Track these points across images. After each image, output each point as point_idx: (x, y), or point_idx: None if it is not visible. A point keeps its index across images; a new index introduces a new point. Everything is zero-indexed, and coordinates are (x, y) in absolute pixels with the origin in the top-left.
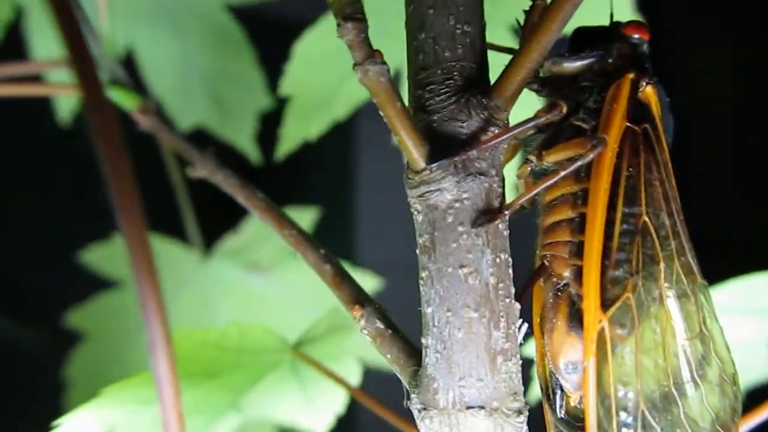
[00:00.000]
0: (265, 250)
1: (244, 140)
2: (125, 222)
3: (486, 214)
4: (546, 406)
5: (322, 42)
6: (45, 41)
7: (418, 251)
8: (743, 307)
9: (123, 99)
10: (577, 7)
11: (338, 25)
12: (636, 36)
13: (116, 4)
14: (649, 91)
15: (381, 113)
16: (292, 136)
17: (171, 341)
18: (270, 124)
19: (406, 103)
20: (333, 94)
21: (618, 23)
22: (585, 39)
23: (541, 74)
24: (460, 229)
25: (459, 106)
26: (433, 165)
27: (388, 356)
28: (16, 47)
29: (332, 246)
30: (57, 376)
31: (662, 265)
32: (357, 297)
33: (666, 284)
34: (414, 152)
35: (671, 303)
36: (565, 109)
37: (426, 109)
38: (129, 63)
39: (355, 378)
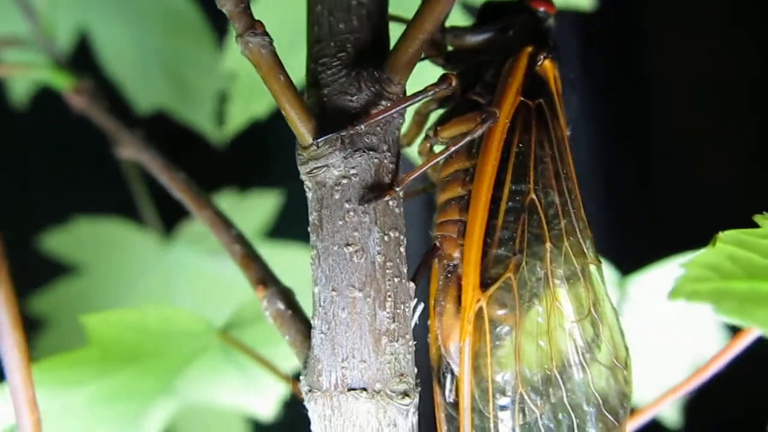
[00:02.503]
0: None
1: (203, 121)
2: None
3: (374, 191)
4: (436, 389)
5: (265, 15)
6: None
7: (309, 229)
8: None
9: (58, 80)
10: None
11: None
12: (541, 9)
13: None
14: (547, 65)
15: (265, 86)
16: (239, 114)
17: (20, 328)
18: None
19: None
20: None
21: None
22: (492, 12)
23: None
24: (347, 206)
25: (350, 79)
26: (320, 140)
27: (287, 337)
28: None
29: (302, 229)
30: None
31: (549, 244)
32: (263, 278)
33: (553, 264)
34: (300, 127)
35: (558, 284)
36: (454, 82)
37: (318, 83)
38: (84, 46)
39: (290, 362)
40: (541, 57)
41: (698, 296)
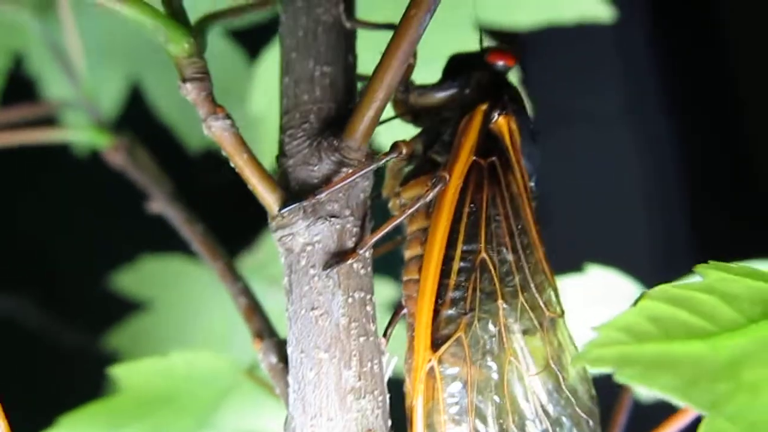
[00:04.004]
0: None
1: None
2: None
3: (337, 256)
4: None
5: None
6: (53, 81)
7: (283, 293)
8: None
9: (98, 139)
10: (414, 45)
11: (180, 85)
12: (500, 63)
13: (118, 49)
14: (501, 122)
15: (231, 164)
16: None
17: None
18: None
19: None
20: None
21: (485, 49)
22: (454, 67)
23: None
24: (312, 271)
25: (311, 150)
26: (284, 210)
27: (277, 390)
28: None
29: None
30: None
31: (500, 302)
32: (261, 330)
33: (509, 320)
34: (267, 198)
35: (513, 339)
36: (404, 150)
37: (285, 154)
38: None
39: None
40: (495, 114)
41: (601, 362)
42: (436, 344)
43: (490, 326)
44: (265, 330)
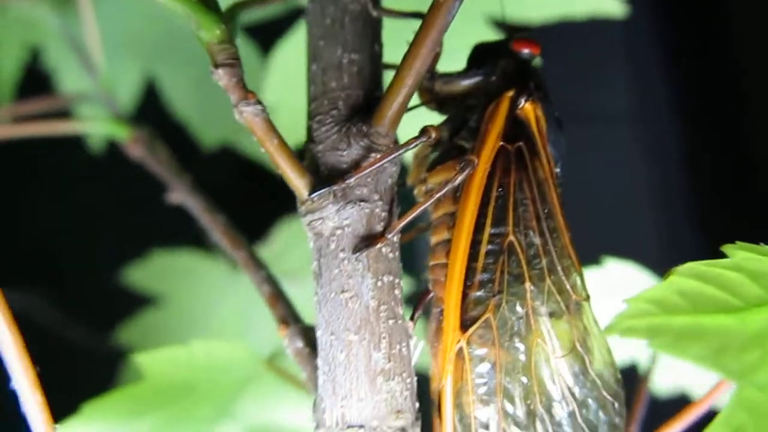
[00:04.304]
0: (297, 257)
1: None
2: None
3: (366, 240)
4: (436, 422)
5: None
6: (69, 75)
7: (312, 277)
8: None
9: (117, 131)
10: (443, 33)
11: (212, 71)
12: (525, 51)
13: (135, 43)
14: (528, 108)
15: (262, 149)
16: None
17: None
18: None
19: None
20: None
21: (509, 38)
22: (480, 54)
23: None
24: (341, 255)
25: (340, 135)
26: (314, 195)
27: (304, 374)
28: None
29: None
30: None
31: (528, 284)
32: (285, 317)
33: (535, 303)
34: (297, 183)
35: (540, 321)
36: (434, 134)
37: (314, 140)
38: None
39: None
40: (522, 100)
41: (633, 332)
42: (464, 325)
43: (518, 308)
44: (289, 316)
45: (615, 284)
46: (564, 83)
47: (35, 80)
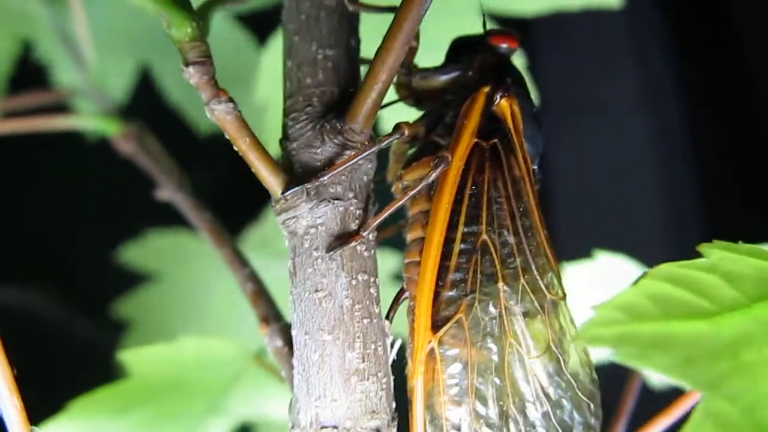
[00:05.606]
0: None
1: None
2: None
3: (340, 238)
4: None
5: None
6: (63, 68)
7: (287, 276)
8: None
9: (107, 127)
10: (416, 26)
11: (182, 69)
12: (503, 45)
13: (126, 36)
14: (504, 104)
15: (235, 147)
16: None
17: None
18: None
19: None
20: None
21: (488, 32)
22: (457, 50)
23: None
24: (315, 254)
25: (314, 132)
26: (288, 193)
27: (282, 373)
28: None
29: None
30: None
31: (501, 284)
32: (267, 315)
33: (510, 302)
34: (270, 181)
35: (514, 321)
36: (407, 131)
37: (289, 137)
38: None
39: None
40: (498, 96)
41: (600, 341)
42: (436, 325)
43: (491, 308)
44: (271, 315)
45: (608, 278)
46: (565, 75)
47: (29, 73)
